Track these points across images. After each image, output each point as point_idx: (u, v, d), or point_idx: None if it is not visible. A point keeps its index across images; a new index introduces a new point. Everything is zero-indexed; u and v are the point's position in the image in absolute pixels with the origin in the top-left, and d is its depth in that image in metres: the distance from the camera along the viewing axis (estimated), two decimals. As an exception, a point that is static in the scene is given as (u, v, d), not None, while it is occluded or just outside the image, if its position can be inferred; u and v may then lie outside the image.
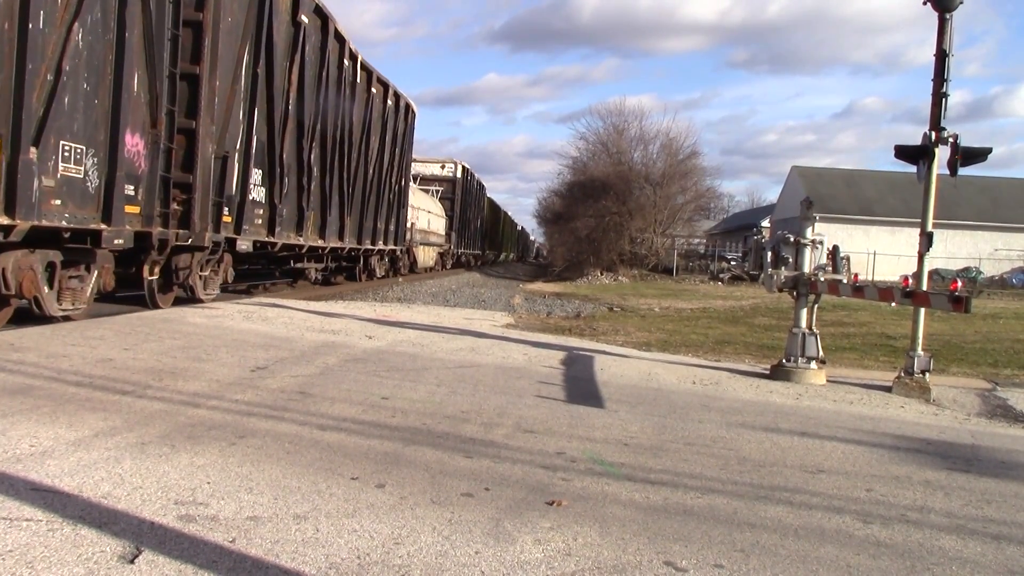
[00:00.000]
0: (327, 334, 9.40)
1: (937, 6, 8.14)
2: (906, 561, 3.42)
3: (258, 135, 12.62)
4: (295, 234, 14.85)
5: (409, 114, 24.03)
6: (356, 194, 18.60)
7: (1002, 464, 5.50)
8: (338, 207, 17.36)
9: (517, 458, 4.54)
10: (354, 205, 18.48)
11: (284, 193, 13.83)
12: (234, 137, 11.79)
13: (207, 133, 10.88)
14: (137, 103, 9.30)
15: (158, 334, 8.24)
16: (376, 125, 20.03)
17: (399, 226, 24.06)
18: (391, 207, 22.37)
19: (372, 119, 19.36)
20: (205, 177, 10.95)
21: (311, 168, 15.17)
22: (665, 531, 3.53)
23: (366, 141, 19.00)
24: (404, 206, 24.78)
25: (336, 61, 16.31)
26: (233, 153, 11.77)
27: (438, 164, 39.99)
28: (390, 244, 22.82)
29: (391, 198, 22.30)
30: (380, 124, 20.48)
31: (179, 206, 10.61)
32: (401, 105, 22.75)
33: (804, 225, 8.73)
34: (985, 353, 12.30)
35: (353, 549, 3.05)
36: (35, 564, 2.70)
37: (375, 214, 20.56)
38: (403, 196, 24.41)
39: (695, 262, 48.89)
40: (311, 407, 5.49)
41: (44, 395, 5.13)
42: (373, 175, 20.01)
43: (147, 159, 9.63)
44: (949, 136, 8.08)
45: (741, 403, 7.01)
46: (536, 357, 8.90)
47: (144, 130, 9.55)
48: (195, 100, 10.71)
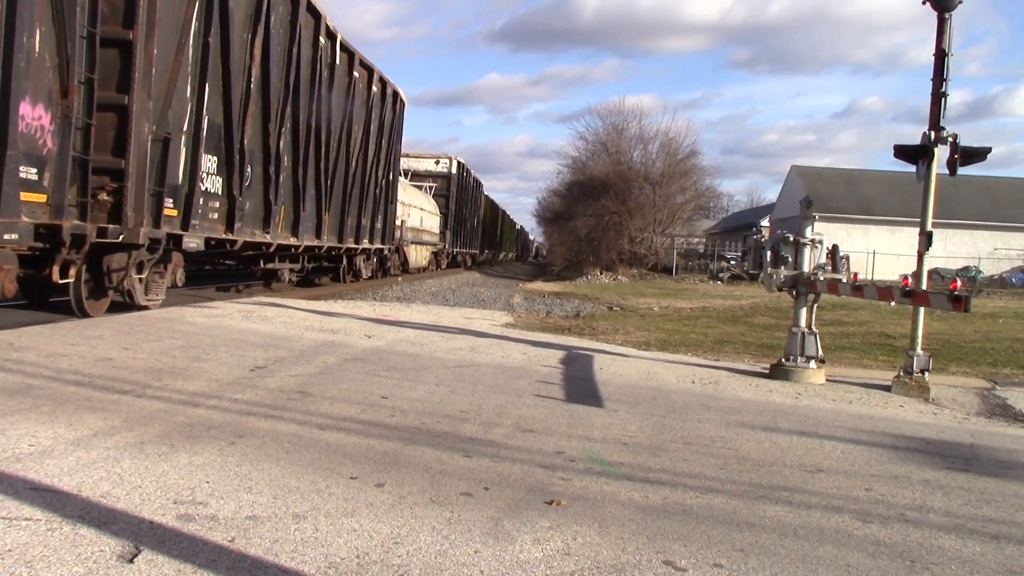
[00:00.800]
0: (326, 333, 9.40)
1: (936, 5, 8.14)
2: (905, 560, 3.42)
3: (211, 116, 10.83)
4: (261, 231, 13.13)
5: (398, 103, 22.19)
6: (336, 188, 16.89)
7: (1001, 464, 5.51)
8: (314, 202, 15.72)
9: (516, 457, 4.54)
10: (333, 200, 16.79)
11: (246, 184, 12.14)
12: (179, 117, 9.96)
13: (143, 111, 9.12)
14: (39, 67, 7.66)
15: (157, 333, 8.24)
16: (359, 113, 18.27)
17: (387, 223, 22.38)
18: (377, 203, 20.72)
19: (354, 106, 17.63)
20: (140, 162, 9.18)
21: (280, 157, 13.43)
22: (664, 530, 3.54)
23: (347, 130, 17.24)
24: (392, 202, 23.13)
25: (310, 38, 14.67)
26: (178, 135, 9.94)
27: (432, 159, 38.33)
28: (376, 243, 21.18)
29: (377, 193, 20.62)
30: (364, 112, 18.63)
31: (109, 196, 9.00)
32: (388, 92, 20.80)
33: (803, 224, 8.74)
34: (984, 352, 12.31)
35: (352, 548, 3.05)
36: (34, 563, 2.70)
37: (359, 210, 18.99)
38: (391, 191, 22.69)
39: (694, 261, 48.87)
40: (310, 406, 5.49)
41: (43, 394, 5.13)
42: (356, 168, 18.30)
43: (56, 137, 8.00)
44: (948, 135, 8.08)
45: (740, 402, 7.01)
46: (535, 356, 8.90)
47: (51, 101, 7.86)
48: (128, 71, 8.95)
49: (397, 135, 22.96)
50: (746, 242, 51.24)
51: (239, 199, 11.97)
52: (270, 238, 13.43)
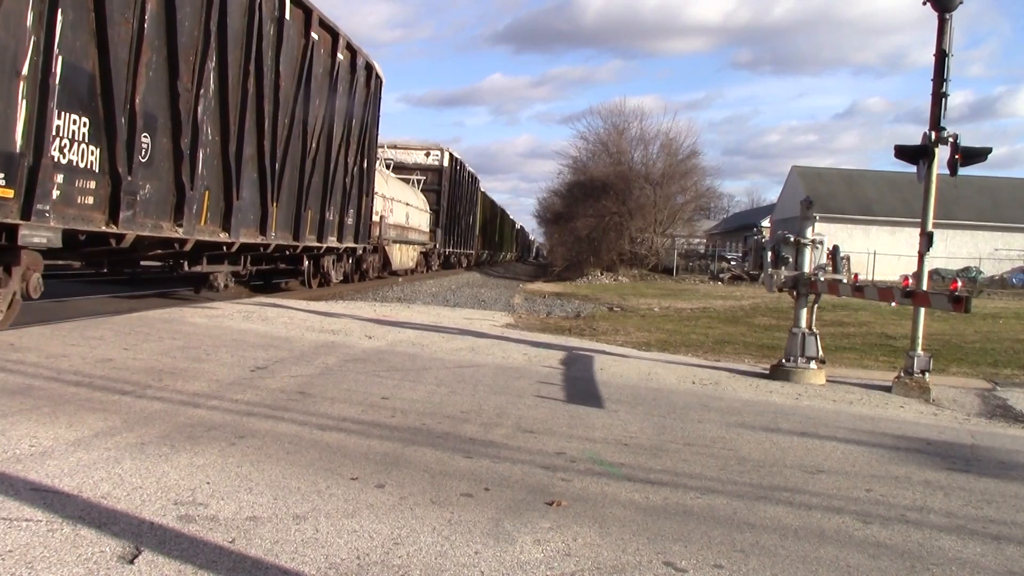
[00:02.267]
0: (327, 334, 9.40)
1: (937, 6, 8.15)
2: (906, 561, 3.42)
3: (73, 58, 7.71)
4: (170, 222, 9.80)
5: (373, 79, 18.68)
6: (289, 174, 13.51)
7: (1002, 464, 5.51)
8: (255, 188, 12.26)
9: (517, 458, 4.54)
10: (285, 188, 13.40)
11: (142, 160, 8.92)
12: (7, 50, 6.92)
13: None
14: None
15: (158, 334, 8.24)
16: (320, 84, 14.75)
17: (361, 219, 19.01)
18: (347, 195, 17.38)
19: (313, 75, 14.03)
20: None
21: (200, 128, 10.14)
22: (665, 531, 3.54)
23: (303, 104, 13.81)
24: (368, 194, 19.65)
25: None
26: (7, 78, 6.94)
27: (421, 151, 34.81)
28: (348, 241, 17.98)
29: (347, 183, 17.28)
30: (327, 84, 15.21)
31: None
32: (359, 64, 17.15)
33: (804, 225, 8.74)
34: (985, 353, 12.30)
35: (353, 549, 3.05)
36: (35, 564, 2.70)
37: (322, 202, 15.64)
38: (366, 182, 19.20)
39: (695, 262, 48.92)
40: (311, 407, 5.49)
41: (44, 395, 5.13)
42: (316, 151, 14.93)
43: None
44: (949, 136, 8.08)
45: (741, 403, 7.01)
46: (536, 357, 8.91)
47: None
48: None
49: (373, 117, 19.33)
50: (747, 243, 51.25)
51: (129, 179, 8.59)
52: (183, 232, 10.00)
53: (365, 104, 18.29)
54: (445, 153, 35.17)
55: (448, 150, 35.44)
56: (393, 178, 27.82)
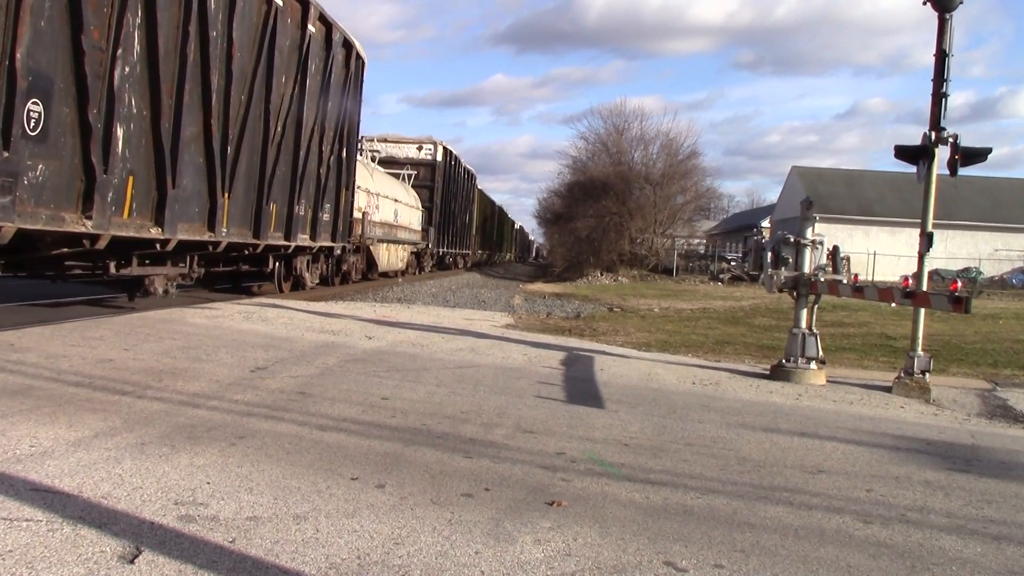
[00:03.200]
0: (327, 334, 9.40)
1: (937, 6, 8.15)
2: (906, 561, 3.42)
3: None
4: (75, 213, 7.87)
5: (353, 59, 16.58)
6: (245, 160, 11.47)
7: (1002, 464, 5.50)
8: (201, 176, 10.27)
9: (517, 458, 4.54)
10: (241, 177, 11.37)
11: (31, 132, 7.16)
12: None
13: None
14: None
15: (158, 334, 8.24)
16: (287, 59, 12.68)
17: (340, 215, 16.98)
18: (322, 188, 15.38)
19: (277, 47, 11.95)
20: None
21: (117, 96, 8.19)
22: (665, 531, 3.54)
23: (265, 79, 11.79)
24: (348, 188, 17.66)
25: None
26: None
27: (413, 144, 32.71)
28: (323, 239, 16.03)
29: (322, 175, 15.30)
30: (295, 60, 13.09)
31: None
32: (336, 40, 15.01)
33: (804, 225, 8.74)
34: (985, 353, 12.30)
35: (353, 549, 3.05)
36: (35, 564, 2.70)
37: (291, 195, 13.59)
38: (345, 174, 17.15)
39: (695, 262, 48.92)
40: (311, 407, 5.49)
41: (44, 395, 5.13)
42: (283, 135, 12.89)
43: None
44: (949, 136, 8.09)
45: (741, 403, 7.01)
46: (536, 357, 8.91)
47: None
48: None
49: (353, 101, 17.21)
50: (747, 243, 51.26)
51: (6, 156, 6.88)
52: (92, 226, 8.07)
53: (343, 86, 16.22)
54: (438, 147, 32.95)
55: (442, 144, 33.26)
56: (380, 172, 25.90)
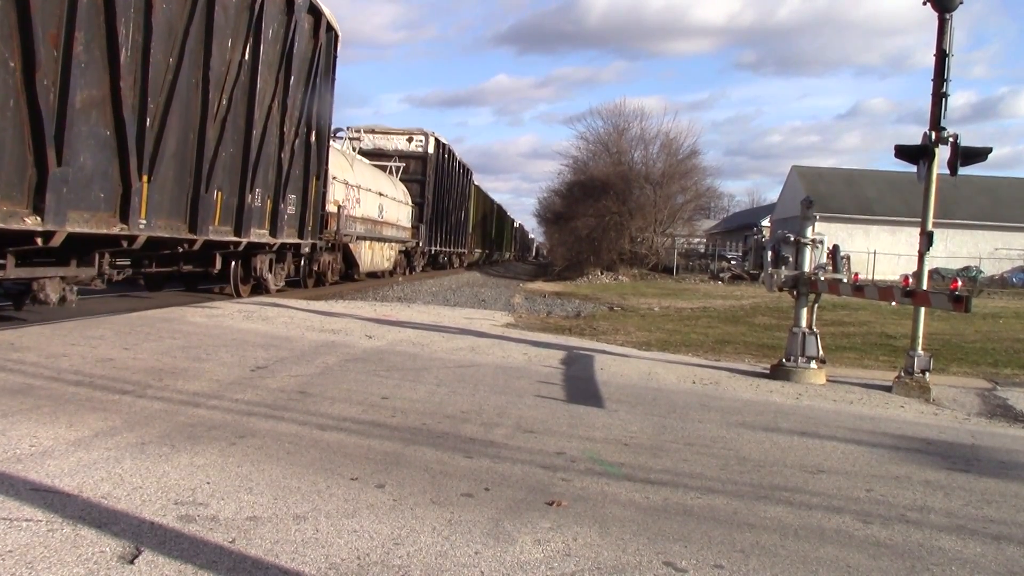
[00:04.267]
0: (327, 334, 9.40)
1: (937, 6, 8.15)
2: (906, 561, 3.42)
3: None
4: None
5: (323, 30, 14.52)
6: (174, 134, 9.40)
7: (1002, 464, 5.50)
8: (108, 152, 8.22)
9: (517, 458, 4.54)
10: (165, 155, 9.20)
11: None
12: None
13: None
14: None
15: (158, 334, 8.24)
16: (233, 19, 10.82)
17: (309, 208, 15.01)
18: (284, 174, 13.32)
19: (218, 1, 10.08)
20: None
21: None
22: (665, 531, 3.54)
23: (201, 39, 9.87)
24: (320, 177, 15.67)
25: None
26: None
27: (402, 136, 30.51)
28: (288, 235, 14.00)
29: (285, 159, 13.29)
30: (246, 21, 11.23)
31: None
32: (299, 5, 13.10)
33: (804, 225, 8.74)
34: (985, 353, 12.30)
35: (353, 549, 3.05)
36: (35, 564, 2.70)
37: (243, 182, 11.67)
38: (315, 161, 15.12)
39: (695, 261, 48.91)
40: (311, 407, 5.49)
41: (44, 395, 5.14)
42: (228, 110, 10.86)
43: None
44: (949, 136, 8.09)
45: (741, 403, 7.01)
46: (536, 357, 8.90)
47: None
48: None
49: (325, 80, 15.18)
50: (747, 242, 51.22)
51: None
52: None
53: (312, 60, 14.14)
54: (430, 138, 30.71)
55: (434, 135, 31.01)
56: (362, 163, 23.98)
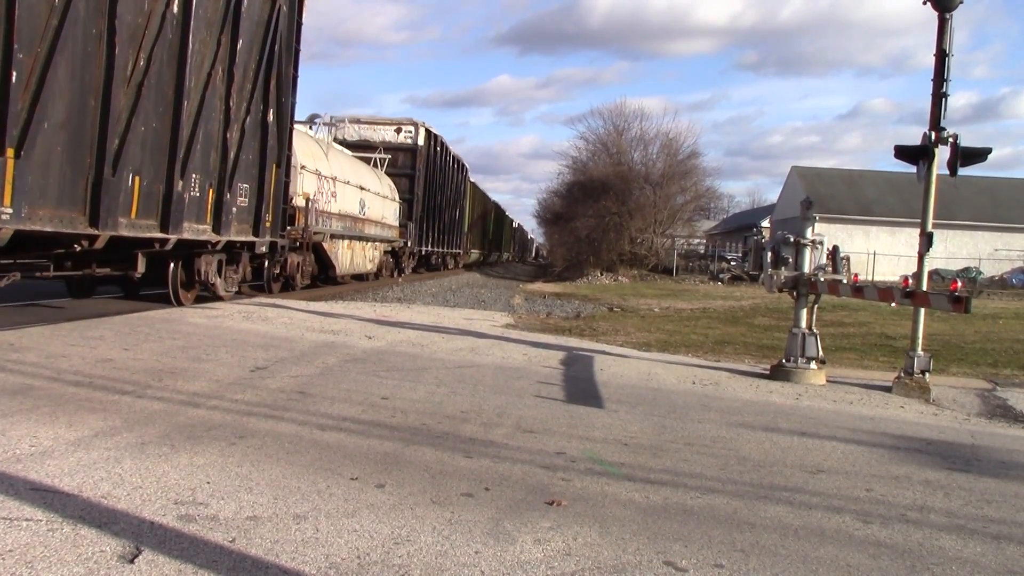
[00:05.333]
0: (327, 334, 9.40)
1: (937, 6, 8.15)
2: (906, 561, 3.42)
3: None
4: None
5: None
6: (62, 99, 7.62)
7: (1002, 464, 5.50)
8: None
9: (517, 458, 4.54)
10: (49, 125, 7.41)
11: None
12: None
13: None
14: None
15: (158, 334, 8.24)
16: None
17: (268, 200, 12.79)
18: (232, 159, 11.33)
19: None
20: None
21: None
22: (665, 531, 3.54)
23: None
24: (280, 164, 13.38)
25: None
26: None
27: (390, 127, 28.14)
28: (238, 231, 11.92)
29: (232, 140, 11.29)
30: None
31: None
32: None
33: (804, 225, 8.74)
34: (985, 353, 12.30)
35: (353, 549, 3.05)
36: (35, 564, 2.70)
37: (171, 164, 9.70)
38: (273, 144, 12.84)
39: (695, 262, 48.92)
40: (311, 407, 5.49)
41: (44, 395, 5.13)
42: (147, 73, 8.93)
43: None
44: (949, 136, 8.09)
45: (741, 403, 7.01)
46: (536, 357, 8.90)
47: None
48: None
49: (287, 50, 13.10)
50: (746, 243, 51.25)
51: None
52: None
53: (268, 25, 12.12)
54: (420, 130, 28.22)
55: (424, 125, 28.53)
56: (341, 153, 21.68)
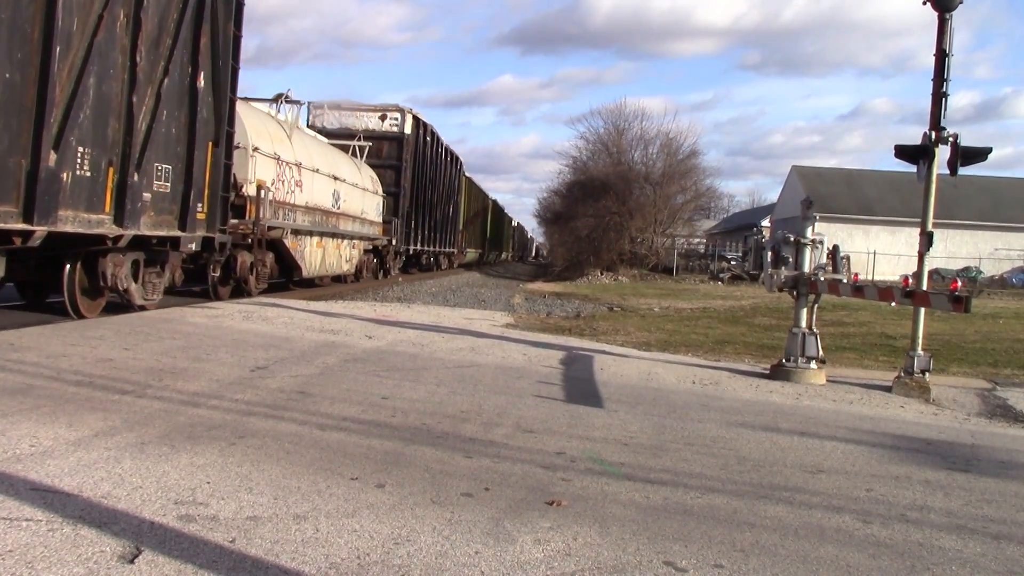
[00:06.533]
0: (327, 334, 9.40)
1: (937, 6, 8.15)
2: (906, 561, 3.42)
3: None
4: None
5: None
6: None
7: (1002, 464, 5.50)
8: None
9: (517, 458, 4.54)
10: None
11: None
12: None
13: None
14: None
15: (158, 334, 8.24)
16: None
17: (199, 186, 10.78)
18: (140, 129, 9.24)
19: None
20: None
21: None
22: (665, 531, 3.54)
23: None
24: (219, 143, 11.29)
25: None
26: None
27: (374, 113, 25.54)
28: (155, 224, 9.91)
29: (140, 105, 9.18)
30: None
31: None
32: None
33: (804, 225, 8.74)
34: (985, 353, 12.30)
35: (353, 549, 3.05)
36: (35, 564, 2.70)
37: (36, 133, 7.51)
38: (207, 117, 10.94)
39: (695, 262, 48.90)
40: (311, 407, 5.49)
41: (44, 395, 5.13)
42: None
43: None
44: (949, 136, 8.09)
45: (741, 403, 7.01)
46: (536, 357, 8.90)
47: None
48: None
49: (223, 4, 11.29)
50: (747, 242, 51.25)
51: None
52: None
53: None
54: (407, 116, 25.61)
55: (411, 112, 25.98)
56: (310, 136, 19.32)
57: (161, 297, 10.99)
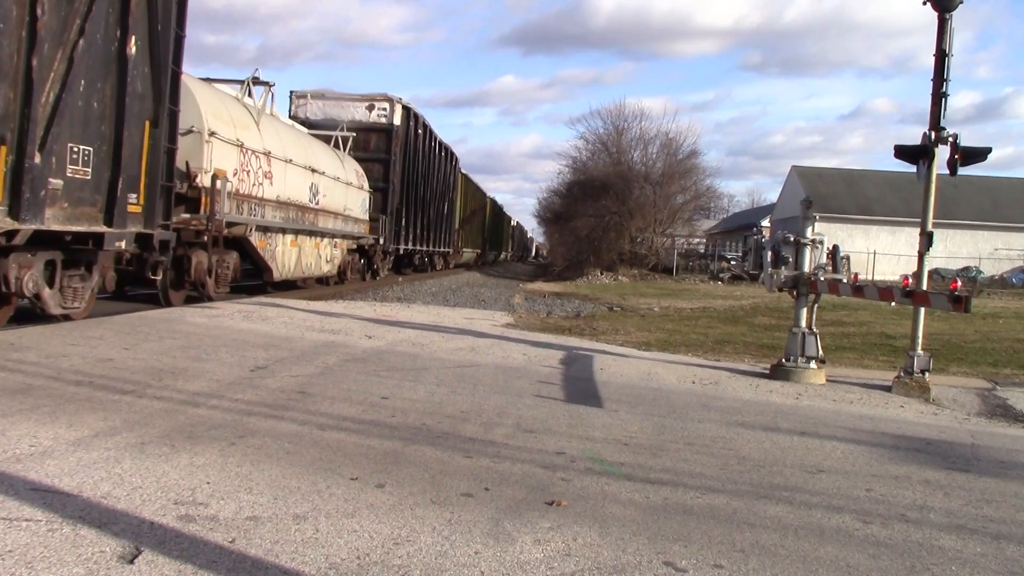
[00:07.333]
0: (327, 334, 9.40)
1: (937, 6, 8.15)
2: (906, 561, 3.42)
3: None
4: None
5: None
6: None
7: (1002, 464, 5.50)
8: None
9: (517, 458, 4.54)
10: None
11: None
12: None
13: None
14: None
15: (158, 334, 8.24)
16: None
17: (131, 173, 8.93)
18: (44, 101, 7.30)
19: None
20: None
21: None
22: (665, 531, 3.54)
23: None
24: (158, 123, 9.49)
25: None
26: None
27: (361, 103, 23.94)
28: (60, 219, 7.78)
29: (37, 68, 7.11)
30: None
31: None
32: None
33: (804, 225, 8.74)
34: (985, 353, 12.30)
35: (353, 549, 3.05)
36: (35, 564, 2.70)
37: None
38: (142, 90, 9.12)
39: (695, 262, 48.88)
40: (311, 407, 5.49)
41: (44, 395, 5.13)
42: None
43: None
44: (949, 136, 8.09)
45: (741, 403, 7.01)
46: (536, 357, 8.90)
47: None
48: None
49: None
50: (747, 242, 51.26)
51: None
52: None
53: None
54: (397, 106, 24.01)
55: (402, 102, 24.32)
56: (283, 122, 17.83)
57: (90, 304, 9.13)
